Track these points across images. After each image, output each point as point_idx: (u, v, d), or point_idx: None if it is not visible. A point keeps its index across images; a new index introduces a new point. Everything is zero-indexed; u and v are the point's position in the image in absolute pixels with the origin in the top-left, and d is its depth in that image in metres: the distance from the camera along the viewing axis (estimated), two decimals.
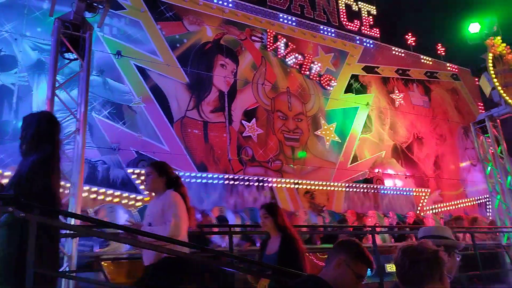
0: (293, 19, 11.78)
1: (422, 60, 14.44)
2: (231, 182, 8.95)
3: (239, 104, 9.93)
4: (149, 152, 8.40)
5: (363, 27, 13.32)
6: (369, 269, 2.28)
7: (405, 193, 11.48)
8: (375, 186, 10.85)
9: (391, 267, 7.43)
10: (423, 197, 11.78)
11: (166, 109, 8.93)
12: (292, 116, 10.72)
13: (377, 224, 8.86)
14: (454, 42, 12.40)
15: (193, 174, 8.56)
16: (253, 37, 10.84)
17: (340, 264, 2.21)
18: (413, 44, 14.16)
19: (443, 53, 15.01)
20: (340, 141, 11.31)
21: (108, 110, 8.31)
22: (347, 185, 10.47)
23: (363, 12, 13.57)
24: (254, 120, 10.01)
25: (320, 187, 10.06)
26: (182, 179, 3.76)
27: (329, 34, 12.39)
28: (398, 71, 13.61)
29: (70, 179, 4.97)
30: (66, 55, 5.01)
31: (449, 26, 12.83)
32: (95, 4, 4.84)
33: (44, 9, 7.93)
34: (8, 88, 7.45)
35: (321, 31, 12.26)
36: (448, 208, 12.38)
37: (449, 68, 15.26)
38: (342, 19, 12.99)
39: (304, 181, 9.88)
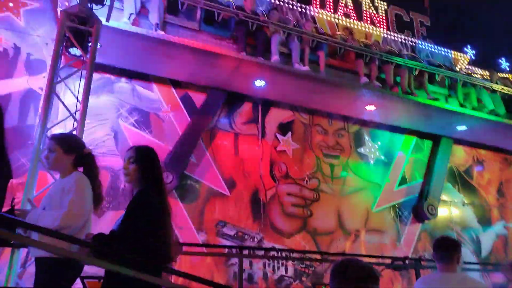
0: None
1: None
2: None
3: (273, 116, 9.30)
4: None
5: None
6: None
7: None
8: None
9: None
10: None
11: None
12: (332, 131, 9.90)
13: None
14: None
15: None
16: None
17: None
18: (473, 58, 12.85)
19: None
20: (386, 160, 10.28)
21: (135, 118, 8.01)
22: None
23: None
24: (289, 134, 9.31)
25: None
26: None
27: None
28: None
29: None
30: (71, 50, 4.68)
31: None
32: None
33: None
34: (35, 92, 7.36)
35: None
36: None
37: None
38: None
39: None
